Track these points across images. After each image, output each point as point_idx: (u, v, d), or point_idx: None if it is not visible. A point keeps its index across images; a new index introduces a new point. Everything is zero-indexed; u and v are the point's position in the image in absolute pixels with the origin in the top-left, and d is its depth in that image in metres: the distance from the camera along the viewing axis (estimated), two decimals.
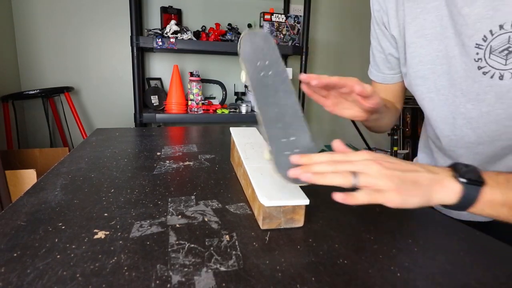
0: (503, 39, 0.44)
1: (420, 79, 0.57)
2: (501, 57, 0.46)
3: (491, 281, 0.36)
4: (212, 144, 0.99)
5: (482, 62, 0.48)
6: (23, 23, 1.81)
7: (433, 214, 0.54)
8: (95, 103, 2.01)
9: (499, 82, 0.46)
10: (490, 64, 0.47)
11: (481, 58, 0.48)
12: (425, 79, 0.56)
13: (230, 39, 1.94)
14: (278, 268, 0.37)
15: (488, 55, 0.47)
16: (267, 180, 0.50)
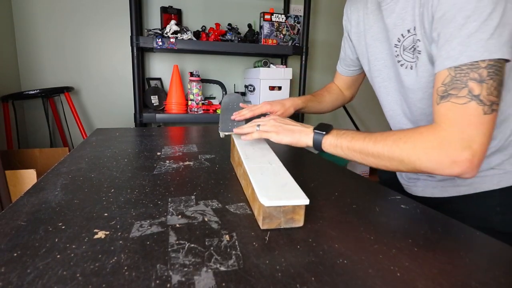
0: (410, 40, 0.60)
1: (377, 72, 0.74)
2: (410, 53, 0.61)
3: (491, 281, 0.36)
4: (212, 144, 0.99)
5: (399, 57, 0.64)
6: (23, 23, 1.81)
7: (433, 214, 0.54)
8: (95, 103, 2.01)
9: (410, 71, 0.62)
10: (404, 58, 0.63)
11: (398, 54, 0.64)
12: (380, 71, 0.73)
13: (230, 39, 1.94)
14: (278, 268, 0.37)
15: (402, 51, 0.63)
16: (267, 180, 0.50)
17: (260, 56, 2.19)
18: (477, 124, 0.47)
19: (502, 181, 0.62)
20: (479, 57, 0.47)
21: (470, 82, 0.47)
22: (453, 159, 0.47)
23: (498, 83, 0.48)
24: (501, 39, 0.47)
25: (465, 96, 0.48)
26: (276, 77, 1.95)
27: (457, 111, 0.48)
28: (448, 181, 0.68)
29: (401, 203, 0.58)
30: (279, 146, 1.04)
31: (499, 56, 0.46)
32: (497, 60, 0.47)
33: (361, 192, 0.64)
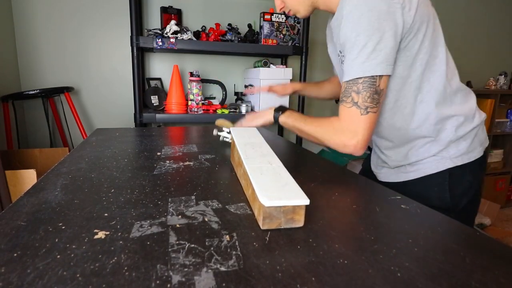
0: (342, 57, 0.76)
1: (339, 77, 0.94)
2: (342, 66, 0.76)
3: (491, 281, 0.36)
4: (212, 144, 0.99)
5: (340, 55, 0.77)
6: (23, 23, 1.81)
7: (433, 214, 0.54)
8: (95, 103, 2.01)
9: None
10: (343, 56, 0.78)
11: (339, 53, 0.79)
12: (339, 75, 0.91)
13: (230, 39, 1.94)
14: (278, 268, 0.37)
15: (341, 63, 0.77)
16: (267, 180, 0.50)
17: (260, 56, 2.19)
18: (358, 121, 0.69)
19: (439, 166, 0.78)
20: (357, 75, 0.68)
21: (352, 93, 0.70)
22: (344, 143, 0.71)
23: (372, 93, 0.68)
24: (374, 62, 0.66)
25: (349, 102, 0.70)
26: (276, 77, 1.95)
27: (346, 112, 0.71)
28: (400, 167, 0.85)
29: (401, 203, 0.58)
30: (279, 146, 1.04)
31: (371, 74, 0.67)
32: (370, 77, 0.67)
33: (361, 192, 0.64)
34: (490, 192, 2.80)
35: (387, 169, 0.89)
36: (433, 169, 0.78)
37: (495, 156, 2.86)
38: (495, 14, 2.90)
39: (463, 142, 0.78)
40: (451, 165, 0.77)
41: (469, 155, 0.78)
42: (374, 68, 0.66)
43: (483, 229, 2.29)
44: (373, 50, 0.66)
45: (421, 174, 0.80)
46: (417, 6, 0.67)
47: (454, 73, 0.79)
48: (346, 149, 0.71)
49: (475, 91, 2.66)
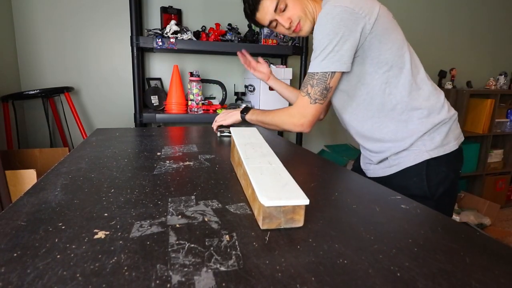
0: None
1: None
2: None
3: (491, 281, 0.36)
4: (212, 144, 0.99)
5: None
6: (23, 23, 1.81)
7: (433, 214, 0.54)
8: (95, 103, 2.01)
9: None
10: None
11: None
12: None
13: (230, 39, 1.94)
14: (278, 268, 0.37)
15: None
16: (267, 180, 0.50)
17: (260, 56, 2.19)
18: (307, 108, 0.89)
19: (417, 158, 0.88)
20: (315, 70, 0.85)
21: (308, 85, 0.87)
22: (295, 123, 0.93)
23: (322, 88, 0.86)
24: (330, 61, 0.82)
25: (305, 92, 0.89)
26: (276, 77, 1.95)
27: (300, 99, 0.90)
28: (384, 162, 0.95)
29: (401, 203, 0.58)
30: (279, 146, 1.04)
31: (325, 70, 0.83)
32: (323, 73, 0.84)
33: (361, 192, 0.64)
34: (490, 192, 2.80)
35: (373, 165, 1.00)
36: (412, 161, 0.89)
37: (495, 156, 2.86)
38: (495, 14, 2.90)
39: (437, 136, 0.88)
40: (428, 157, 0.87)
41: (444, 148, 0.88)
42: (329, 66, 0.83)
43: (483, 229, 2.29)
44: (331, 51, 0.81)
45: (402, 167, 0.90)
46: (377, 16, 0.81)
47: (419, 71, 0.89)
48: (296, 128, 0.93)
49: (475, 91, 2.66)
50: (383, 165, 0.95)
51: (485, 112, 2.59)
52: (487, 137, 2.68)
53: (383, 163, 0.95)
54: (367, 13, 0.81)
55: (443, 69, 2.70)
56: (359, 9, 0.80)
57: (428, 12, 2.67)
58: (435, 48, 2.76)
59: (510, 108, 2.87)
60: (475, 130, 2.66)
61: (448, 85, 2.66)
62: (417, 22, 2.64)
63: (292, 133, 2.40)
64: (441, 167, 0.88)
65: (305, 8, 0.94)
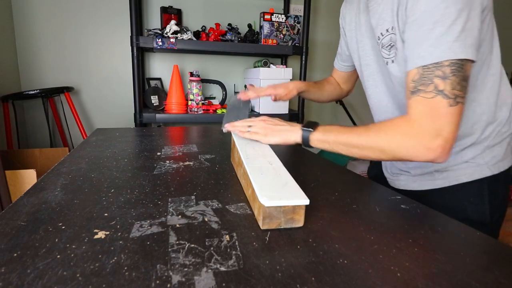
0: (388, 38, 0.66)
1: (366, 66, 0.79)
2: (387, 50, 0.67)
3: (491, 281, 0.36)
4: (212, 144, 0.99)
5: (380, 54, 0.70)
6: (23, 23, 1.81)
7: (433, 214, 0.54)
8: (95, 103, 2.01)
9: (393, 65, 0.67)
10: (383, 55, 0.69)
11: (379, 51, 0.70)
12: (368, 66, 0.78)
13: (230, 39, 1.94)
14: (278, 268, 0.37)
15: (381, 48, 0.68)
16: (268, 180, 0.50)
17: (260, 56, 2.19)
18: (444, 115, 0.53)
19: (475, 174, 0.68)
20: (444, 57, 0.53)
21: (435, 79, 0.54)
22: (427, 147, 0.54)
23: (461, 79, 0.53)
24: (466, 42, 0.53)
25: (431, 91, 0.54)
26: (276, 77, 1.95)
27: (426, 104, 0.54)
28: (426, 175, 0.74)
29: (401, 203, 0.58)
30: (279, 146, 1.04)
31: (463, 56, 0.53)
32: (461, 59, 0.53)
33: (361, 192, 0.64)
34: None
35: (408, 176, 0.78)
36: (468, 177, 0.69)
37: None
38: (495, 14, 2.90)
39: (498, 148, 0.69)
40: (489, 174, 0.68)
41: (504, 162, 0.70)
42: (465, 50, 0.53)
43: None
44: (462, 29, 0.53)
45: (453, 182, 0.70)
46: None
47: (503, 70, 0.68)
48: (429, 155, 0.55)
49: None
50: (425, 177, 0.75)
51: None
52: None
53: (426, 175, 0.75)
54: None
55: None
56: None
57: None
58: None
59: None
60: None
61: None
62: None
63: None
64: (501, 186, 0.70)
65: None
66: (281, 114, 1.97)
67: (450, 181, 0.70)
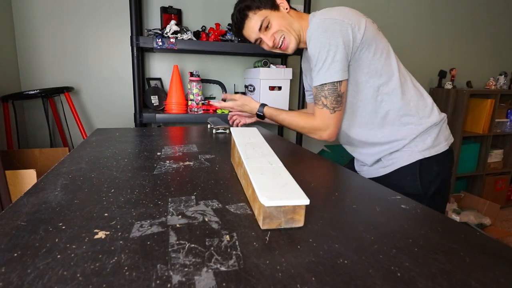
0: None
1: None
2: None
3: (491, 281, 0.36)
4: (212, 144, 0.99)
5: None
6: (23, 23, 1.81)
7: (433, 214, 0.54)
8: (95, 103, 2.01)
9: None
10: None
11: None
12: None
13: (230, 39, 1.93)
14: (279, 268, 0.37)
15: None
16: (268, 180, 0.50)
17: (260, 56, 2.19)
18: (328, 118, 0.93)
19: (411, 159, 0.93)
20: (322, 81, 0.89)
21: (321, 98, 0.91)
22: (320, 136, 0.96)
23: (335, 97, 0.90)
24: (333, 70, 0.86)
25: (321, 105, 0.92)
26: (276, 77, 1.95)
27: (319, 112, 0.93)
28: (378, 163, 1.00)
29: (401, 203, 0.58)
30: (279, 146, 1.04)
31: (332, 80, 0.87)
32: (332, 83, 0.88)
33: (361, 192, 0.64)
34: (490, 192, 2.80)
35: (367, 167, 1.05)
36: (405, 161, 0.94)
37: (495, 156, 2.86)
38: (495, 14, 2.90)
39: (428, 138, 0.94)
40: (420, 157, 0.92)
41: (435, 148, 0.93)
42: (333, 75, 0.87)
43: (483, 229, 2.29)
44: (331, 61, 0.86)
45: (396, 167, 0.95)
46: (365, 27, 0.87)
47: (406, 78, 0.95)
48: (322, 139, 0.97)
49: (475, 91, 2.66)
50: (377, 166, 1.00)
51: (485, 112, 2.59)
52: (487, 137, 2.68)
53: (377, 164, 1.00)
54: (355, 24, 0.86)
55: (443, 69, 2.70)
56: (348, 19, 0.85)
57: (429, 12, 2.66)
58: (435, 48, 2.76)
59: (510, 108, 2.87)
60: (475, 130, 2.66)
61: (448, 85, 2.66)
62: (418, 23, 2.64)
63: (291, 132, 2.41)
64: (432, 166, 0.93)
65: (290, 25, 0.97)
66: None
67: (394, 166, 0.96)
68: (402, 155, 0.94)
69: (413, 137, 0.93)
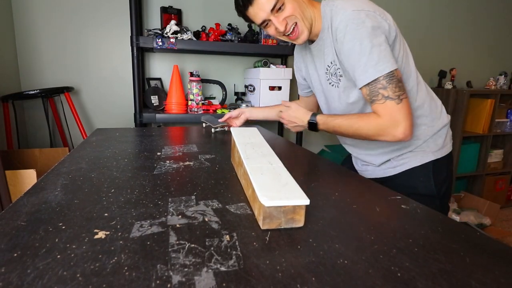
0: (333, 68, 0.89)
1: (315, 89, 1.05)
2: (335, 77, 0.90)
3: (491, 281, 0.36)
4: (212, 144, 0.99)
5: (330, 80, 0.92)
6: (23, 23, 1.81)
7: (433, 214, 0.54)
8: (95, 103, 2.01)
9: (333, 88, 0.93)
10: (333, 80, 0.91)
11: (329, 78, 0.92)
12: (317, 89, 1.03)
13: (230, 39, 1.93)
14: (279, 268, 0.37)
15: (331, 76, 0.91)
16: (268, 180, 0.50)
17: (260, 56, 2.19)
18: (396, 111, 0.76)
19: (423, 159, 0.90)
20: (375, 76, 0.76)
21: (380, 90, 0.77)
22: (393, 135, 0.78)
23: (396, 82, 0.77)
24: (384, 60, 0.76)
25: (381, 99, 0.78)
26: (276, 77, 1.95)
27: (383, 107, 0.78)
28: (387, 164, 0.96)
29: (401, 203, 0.58)
30: (279, 146, 1.04)
31: (386, 72, 0.76)
32: (386, 74, 0.76)
33: (361, 192, 0.64)
34: (490, 192, 2.80)
35: (374, 167, 1.00)
36: (418, 162, 0.91)
37: (495, 156, 2.86)
38: (495, 14, 2.90)
39: (439, 139, 0.92)
40: (433, 158, 0.90)
41: (445, 149, 0.93)
42: (386, 66, 0.76)
43: (483, 229, 2.29)
44: (379, 52, 0.76)
45: (407, 168, 0.92)
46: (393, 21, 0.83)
47: (420, 78, 0.91)
48: (396, 139, 0.78)
49: (475, 91, 2.66)
50: (385, 166, 0.96)
51: (485, 112, 2.59)
52: (487, 137, 2.68)
53: (385, 164, 0.96)
54: (387, 17, 0.81)
55: (443, 69, 2.70)
56: (379, 12, 0.80)
57: (428, 12, 2.66)
58: (435, 48, 2.76)
59: (510, 108, 2.86)
60: (475, 130, 2.66)
61: (448, 85, 2.66)
62: (418, 22, 2.64)
63: (291, 132, 2.40)
64: (443, 167, 0.92)
65: (303, 12, 0.86)
66: None
67: (405, 166, 0.92)
68: (414, 156, 0.91)
69: (427, 138, 0.90)
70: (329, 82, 0.93)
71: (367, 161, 1.00)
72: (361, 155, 1.01)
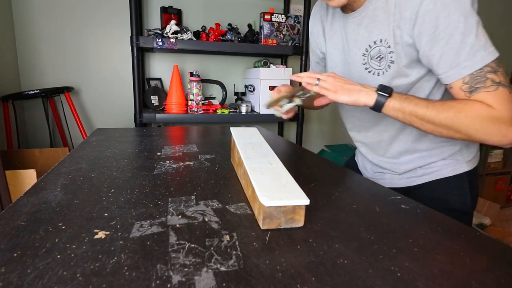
0: (376, 50, 0.72)
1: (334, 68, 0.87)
2: (377, 62, 0.73)
3: (491, 281, 0.36)
4: (212, 144, 0.99)
5: (367, 65, 0.75)
6: (23, 23, 1.81)
7: (433, 214, 0.54)
8: (95, 103, 2.01)
9: (377, 77, 0.74)
10: (372, 66, 0.74)
11: (366, 62, 0.75)
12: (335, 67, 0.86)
13: (230, 39, 1.94)
14: (278, 268, 0.37)
15: (369, 60, 0.74)
16: (268, 180, 0.50)
17: (260, 56, 2.19)
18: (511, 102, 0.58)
19: (457, 169, 0.78)
20: (488, 60, 0.59)
21: (489, 75, 0.59)
22: (504, 134, 0.58)
23: (503, 70, 0.61)
24: (490, 42, 0.60)
25: (491, 86, 0.59)
26: (276, 77, 1.95)
27: (495, 95, 0.59)
28: (411, 172, 0.82)
29: (401, 203, 0.58)
30: (279, 146, 1.04)
31: (497, 55, 0.60)
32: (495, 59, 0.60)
33: (361, 192, 0.64)
34: (490, 192, 2.80)
35: (393, 174, 0.85)
36: (450, 171, 0.77)
37: (495, 156, 2.86)
38: (496, 14, 2.90)
39: (473, 146, 0.79)
40: (467, 169, 0.78)
41: (475, 158, 0.80)
42: (494, 49, 0.61)
43: (483, 229, 2.29)
44: (484, 31, 0.60)
45: (437, 177, 0.78)
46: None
47: None
48: (503, 140, 0.59)
49: None
50: (409, 174, 0.83)
51: None
52: None
53: (409, 172, 0.83)
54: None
55: None
56: None
57: None
58: None
59: None
60: None
61: None
62: None
63: (292, 132, 2.40)
64: (475, 179, 0.80)
65: None
66: None
67: (435, 176, 0.79)
68: (447, 165, 0.78)
69: (462, 146, 0.77)
70: (366, 67, 0.75)
71: (387, 168, 0.86)
72: (381, 162, 0.86)
